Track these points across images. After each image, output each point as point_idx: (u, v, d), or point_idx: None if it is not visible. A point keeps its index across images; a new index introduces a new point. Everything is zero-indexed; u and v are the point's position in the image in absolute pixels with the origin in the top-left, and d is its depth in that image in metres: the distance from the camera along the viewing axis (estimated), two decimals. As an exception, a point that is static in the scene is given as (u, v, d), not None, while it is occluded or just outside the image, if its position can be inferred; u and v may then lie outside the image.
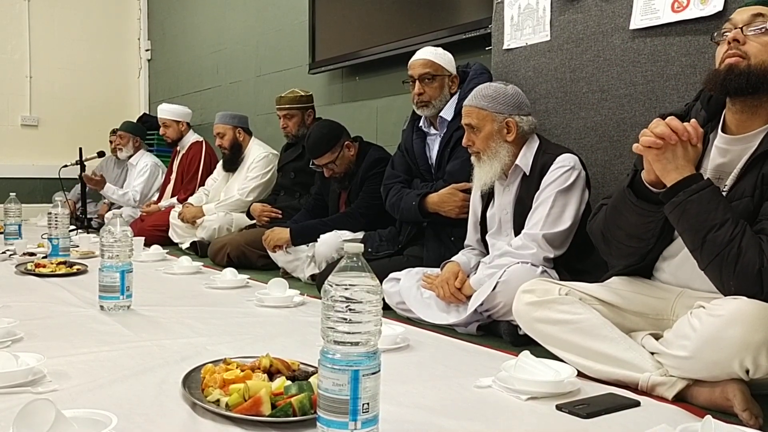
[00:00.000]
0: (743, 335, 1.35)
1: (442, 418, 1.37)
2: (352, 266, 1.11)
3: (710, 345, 1.40)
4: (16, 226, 4.00)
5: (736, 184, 1.55)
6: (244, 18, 5.48)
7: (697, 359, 1.44)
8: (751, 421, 1.37)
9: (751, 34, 1.54)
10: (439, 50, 2.79)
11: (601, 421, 1.38)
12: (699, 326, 1.43)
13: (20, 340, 1.87)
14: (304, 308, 2.49)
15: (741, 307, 1.38)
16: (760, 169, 1.51)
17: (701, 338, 1.42)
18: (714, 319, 1.40)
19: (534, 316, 1.74)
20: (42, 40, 6.59)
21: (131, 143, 5.60)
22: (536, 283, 1.81)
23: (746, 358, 1.36)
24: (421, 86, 2.72)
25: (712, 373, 1.44)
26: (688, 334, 1.45)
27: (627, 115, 2.36)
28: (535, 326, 1.75)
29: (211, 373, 1.44)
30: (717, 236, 1.44)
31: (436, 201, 2.62)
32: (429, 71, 2.72)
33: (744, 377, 1.40)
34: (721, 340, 1.38)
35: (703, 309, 1.44)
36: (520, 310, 1.79)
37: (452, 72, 2.76)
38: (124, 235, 2.28)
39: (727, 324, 1.37)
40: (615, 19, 2.39)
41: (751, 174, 1.53)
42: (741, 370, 1.38)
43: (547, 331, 1.72)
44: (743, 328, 1.35)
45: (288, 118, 3.94)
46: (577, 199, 2.19)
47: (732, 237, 1.43)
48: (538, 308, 1.73)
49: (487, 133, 2.27)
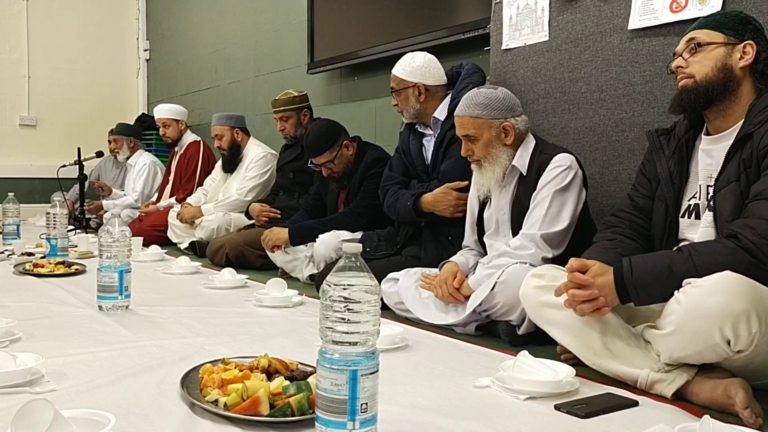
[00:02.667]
0: (723, 303, 1.38)
1: (441, 417, 1.37)
2: (351, 266, 1.11)
3: (693, 315, 1.43)
4: (14, 226, 4.00)
5: (722, 173, 1.65)
6: (243, 18, 5.48)
7: (680, 332, 1.47)
8: (751, 420, 1.37)
9: (689, 57, 1.73)
10: (411, 59, 2.80)
11: (599, 420, 1.39)
12: (683, 298, 1.47)
13: (18, 340, 1.87)
14: (303, 308, 2.49)
15: (723, 278, 1.42)
16: (740, 155, 1.61)
17: (684, 309, 1.45)
18: (697, 290, 1.44)
19: (541, 300, 1.75)
20: (40, 40, 6.58)
21: (126, 145, 5.61)
22: (546, 268, 1.84)
23: (726, 326, 1.38)
24: (393, 97, 2.84)
25: (696, 348, 1.46)
26: (674, 308, 1.49)
27: (625, 115, 2.36)
28: (541, 311, 1.76)
29: (210, 373, 1.44)
30: (679, 265, 1.52)
31: (430, 200, 2.63)
32: (392, 85, 2.83)
33: (727, 350, 1.42)
34: (703, 308, 1.41)
35: (689, 285, 1.47)
36: (528, 294, 1.80)
37: (416, 81, 2.76)
38: (123, 235, 2.28)
39: (708, 293, 1.41)
40: (613, 20, 2.39)
41: (733, 161, 1.63)
42: (722, 340, 1.40)
43: (551, 316, 1.73)
44: (723, 297, 1.39)
45: (284, 120, 3.94)
46: (575, 199, 2.19)
47: (689, 252, 1.53)
48: (546, 292, 1.74)
49: (486, 141, 2.26)
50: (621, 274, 1.57)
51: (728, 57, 1.69)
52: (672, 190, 1.78)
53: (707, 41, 1.70)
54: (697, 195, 1.75)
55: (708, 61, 1.69)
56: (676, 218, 1.78)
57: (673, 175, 1.79)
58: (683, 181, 1.78)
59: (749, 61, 1.67)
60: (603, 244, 1.83)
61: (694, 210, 1.75)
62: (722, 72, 1.68)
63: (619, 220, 1.89)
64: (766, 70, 1.68)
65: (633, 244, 1.81)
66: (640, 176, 1.92)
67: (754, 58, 1.67)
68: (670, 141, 1.84)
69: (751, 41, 1.68)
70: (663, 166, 1.81)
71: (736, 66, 1.68)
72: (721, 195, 1.63)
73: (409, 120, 2.84)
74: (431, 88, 2.77)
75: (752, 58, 1.67)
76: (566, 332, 1.69)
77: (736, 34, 1.69)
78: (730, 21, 1.71)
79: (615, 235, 1.85)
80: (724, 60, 1.68)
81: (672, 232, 1.77)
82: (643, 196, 1.87)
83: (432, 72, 2.78)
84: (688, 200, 1.77)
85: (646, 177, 1.89)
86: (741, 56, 1.68)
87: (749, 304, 1.37)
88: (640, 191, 1.89)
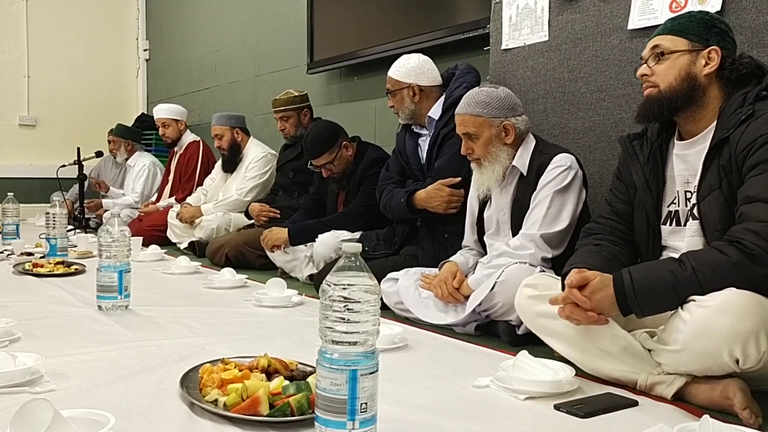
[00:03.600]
0: (731, 324, 1.37)
1: (440, 417, 1.37)
2: (350, 266, 1.11)
3: (700, 336, 1.41)
4: (14, 226, 4.00)
5: (702, 182, 1.62)
6: (243, 18, 5.47)
7: (688, 351, 1.45)
8: (750, 420, 1.37)
9: (653, 65, 1.71)
10: (405, 60, 2.83)
11: (599, 420, 1.39)
12: (689, 318, 1.44)
13: (18, 340, 1.87)
14: (302, 308, 2.49)
15: (730, 298, 1.39)
16: (718, 161, 1.59)
17: (691, 329, 1.43)
18: (703, 310, 1.42)
19: (535, 310, 1.75)
20: (40, 39, 6.58)
21: (123, 147, 5.61)
22: (539, 277, 1.84)
23: (735, 347, 1.37)
24: (389, 99, 2.87)
25: (704, 365, 1.45)
26: (679, 327, 1.47)
27: (625, 115, 2.36)
28: (536, 320, 1.76)
29: (209, 373, 1.44)
30: (684, 284, 1.47)
31: (423, 197, 2.64)
32: (388, 87, 2.85)
33: (734, 368, 1.41)
34: (710, 330, 1.39)
35: (694, 302, 1.46)
36: (522, 304, 1.80)
37: (411, 82, 2.77)
38: (122, 235, 2.28)
39: (715, 314, 1.39)
40: (613, 19, 2.39)
41: (711, 168, 1.61)
42: (731, 360, 1.39)
43: (548, 326, 1.72)
44: (731, 318, 1.37)
45: (284, 120, 3.94)
46: (575, 199, 2.19)
47: (693, 268, 1.47)
48: (540, 302, 1.74)
49: (486, 139, 2.26)
50: (622, 290, 1.53)
51: (692, 65, 1.66)
52: (650, 198, 1.76)
53: (671, 49, 1.68)
54: (676, 201, 1.73)
55: (672, 70, 1.67)
56: (658, 226, 1.76)
57: (649, 182, 1.76)
58: (660, 188, 1.76)
59: (714, 68, 1.64)
60: (589, 248, 1.79)
61: (675, 217, 1.73)
62: (686, 81, 1.65)
63: (600, 227, 1.86)
64: (732, 75, 1.64)
65: (618, 249, 1.78)
66: (616, 181, 1.89)
67: (719, 64, 1.64)
68: (643, 146, 1.80)
69: (716, 46, 1.65)
70: (638, 174, 1.78)
71: (701, 73, 1.65)
72: (705, 204, 1.61)
73: (404, 120, 2.86)
74: (426, 88, 2.78)
75: (717, 64, 1.64)
76: (563, 341, 1.68)
77: (700, 39, 1.66)
78: (694, 25, 1.67)
79: (599, 240, 1.81)
80: (688, 68, 1.66)
81: (656, 240, 1.76)
82: (622, 202, 1.85)
83: (426, 73, 2.79)
84: (667, 206, 1.75)
85: (622, 182, 1.86)
86: (706, 62, 1.65)
87: (758, 323, 1.36)
88: (618, 196, 1.86)
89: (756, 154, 1.51)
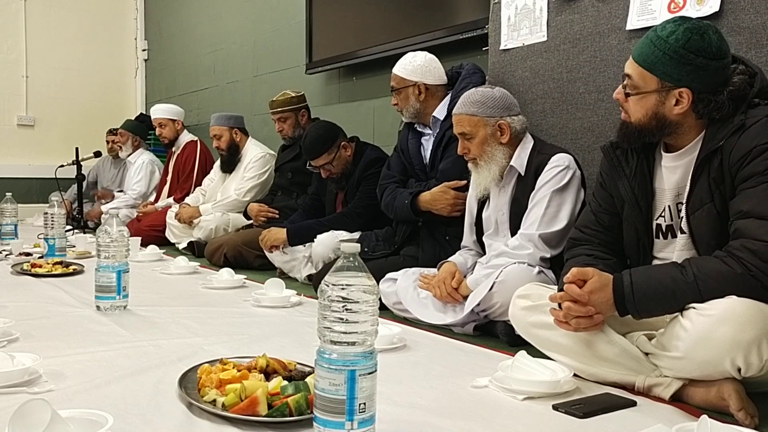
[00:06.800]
0: (734, 334, 1.36)
1: (439, 418, 1.37)
2: (349, 266, 1.11)
3: (702, 345, 1.41)
4: (12, 226, 3.99)
5: (692, 195, 1.59)
6: (241, 18, 5.47)
7: (689, 359, 1.45)
8: (746, 421, 1.37)
9: (626, 93, 1.66)
10: (412, 58, 2.82)
11: (597, 420, 1.39)
12: (690, 327, 1.43)
13: (16, 340, 1.87)
14: (301, 308, 2.49)
15: (731, 306, 1.39)
16: (708, 174, 1.56)
17: (692, 338, 1.42)
18: (705, 319, 1.41)
19: (529, 321, 1.75)
20: (38, 39, 6.57)
21: (130, 141, 5.61)
22: (531, 288, 1.82)
23: (737, 356, 1.37)
24: (394, 96, 2.85)
25: (705, 372, 1.45)
26: (679, 334, 1.46)
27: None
28: (530, 331, 1.75)
29: (208, 373, 1.44)
30: (685, 291, 1.46)
31: (428, 199, 2.63)
32: (393, 84, 2.84)
33: (736, 376, 1.41)
34: (712, 339, 1.39)
35: (694, 309, 1.44)
36: (516, 315, 1.79)
37: (417, 80, 2.77)
38: (121, 235, 2.28)
39: (717, 323, 1.38)
40: (612, 20, 2.39)
41: (701, 181, 1.57)
42: (733, 368, 1.39)
43: (543, 335, 1.71)
44: (733, 327, 1.36)
45: (282, 120, 3.94)
46: (573, 199, 2.19)
47: (695, 276, 1.46)
48: (534, 313, 1.73)
49: (482, 139, 2.27)
50: (621, 292, 1.52)
51: (661, 105, 1.60)
52: (640, 214, 1.71)
53: (639, 89, 1.62)
54: (665, 214, 1.70)
55: (640, 108, 1.63)
56: (647, 239, 1.73)
57: (638, 197, 1.71)
58: (649, 202, 1.72)
59: (685, 108, 1.58)
60: (583, 259, 1.75)
61: (668, 230, 1.70)
62: (655, 120, 1.61)
63: (588, 238, 1.82)
64: (705, 111, 1.57)
65: (611, 260, 1.75)
66: (600, 191, 1.83)
67: (690, 105, 1.57)
68: (628, 157, 1.74)
69: (687, 87, 1.57)
70: (626, 187, 1.73)
71: (671, 113, 1.59)
72: (696, 217, 1.58)
73: (408, 119, 2.85)
74: (431, 87, 2.78)
75: (687, 106, 1.57)
76: (559, 351, 1.67)
77: (671, 79, 1.57)
78: (666, 61, 1.57)
79: (591, 250, 1.78)
80: (656, 108, 1.60)
81: (647, 253, 1.74)
82: (608, 212, 1.80)
83: (432, 71, 2.79)
84: (655, 220, 1.72)
85: (607, 192, 1.81)
86: (677, 101, 1.58)
87: (760, 332, 1.35)
88: (604, 207, 1.81)
89: (750, 165, 1.48)
